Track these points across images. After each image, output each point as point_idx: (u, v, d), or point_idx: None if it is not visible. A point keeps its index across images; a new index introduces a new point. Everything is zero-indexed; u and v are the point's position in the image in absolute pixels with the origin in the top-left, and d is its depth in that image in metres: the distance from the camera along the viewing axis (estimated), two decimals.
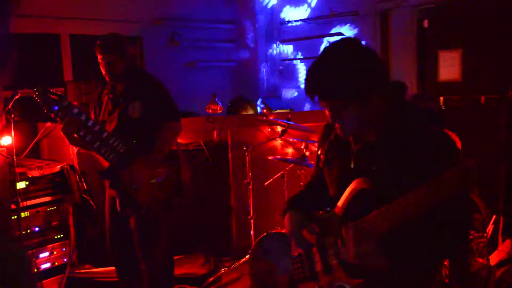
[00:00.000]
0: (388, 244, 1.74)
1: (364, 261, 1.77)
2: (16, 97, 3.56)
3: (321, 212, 2.09)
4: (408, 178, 1.66)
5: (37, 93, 3.07)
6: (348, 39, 1.90)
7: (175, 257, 4.56)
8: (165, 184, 3.28)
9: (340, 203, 1.90)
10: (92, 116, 3.46)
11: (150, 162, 3.21)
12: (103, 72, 3.32)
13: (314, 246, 2.01)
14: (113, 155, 3.16)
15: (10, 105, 3.54)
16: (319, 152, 2.12)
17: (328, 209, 2.01)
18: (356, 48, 1.79)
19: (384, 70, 1.82)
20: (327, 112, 1.83)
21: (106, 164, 3.29)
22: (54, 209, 4.21)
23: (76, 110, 3.11)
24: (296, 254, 2.11)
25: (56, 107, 3.07)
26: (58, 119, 3.12)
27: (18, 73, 5.09)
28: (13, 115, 3.59)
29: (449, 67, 5.45)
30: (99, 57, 3.30)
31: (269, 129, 5.13)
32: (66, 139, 3.16)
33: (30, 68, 5.34)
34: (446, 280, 3.87)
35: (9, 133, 3.64)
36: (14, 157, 3.64)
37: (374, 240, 1.74)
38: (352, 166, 1.90)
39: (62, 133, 3.13)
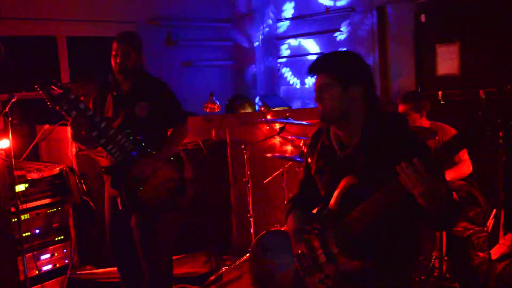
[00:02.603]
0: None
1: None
2: (13, 100, 3.54)
3: (316, 210, 2.40)
4: (387, 173, 1.93)
5: (38, 86, 3.09)
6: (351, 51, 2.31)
7: (176, 257, 4.58)
8: (169, 183, 3.31)
9: (333, 200, 2.17)
10: None
11: (157, 161, 3.26)
12: (115, 62, 3.32)
13: (315, 238, 2.21)
14: (120, 152, 3.20)
15: (7, 108, 3.53)
16: (309, 160, 2.40)
17: (324, 207, 2.27)
18: (356, 54, 2.23)
19: (370, 76, 2.20)
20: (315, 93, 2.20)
21: (105, 163, 3.36)
22: (54, 211, 4.21)
23: (82, 105, 3.15)
24: (299, 251, 2.29)
25: (62, 101, 3.09)
26: (63, 112, 3.14)
27: (15, 76, 5.08)
28: (10, 118, 3.59)
29: (447, 61, 5.43)
30: (115, 46, 3.32)
31: (268, 127, 5.13)
32: (70, 136, 3.18)
33: (27, 71, 5.33)
34: (447, 275, 3.87)
35: (7, 136, 3.64)
36: (13, 160, 3.64)
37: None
38: (339, 170, 2.18)
39: (70, 127, 3.16)
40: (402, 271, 2.18)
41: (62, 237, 4.26)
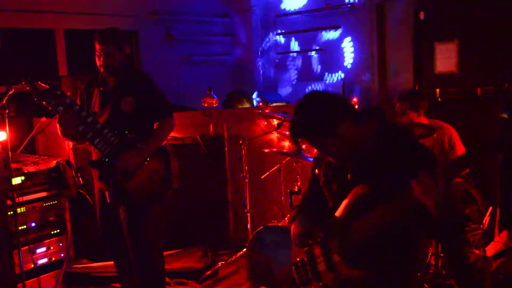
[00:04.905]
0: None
1: None
2: (10, 92, 3.53)
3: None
4: (398, 186, 1.90)
5: (24, 81, 3.10)
6: (312, 93, 2.22)
7: (172, 252, 4.59)
8: (155, 176, 3.33)
9: (340, 208, 2.15)
10: None
11: (142, 154, 3.26)
12: (99, 63, 3.34)
13: (317, 246, 2.22)
14: (106, 146, 3.22)
15: (4, 100, 3.52)
16: (316, 172, 2.39)
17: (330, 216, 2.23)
18: (316, 97, 2.16)
19: (344, 105, 2.12)
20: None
21: (93, 157, 3.39)
22: (50, 204, 4.20)
23: (68, 100, 3.15)
24: (297, 259, 2.31)
25: (48, 96, 3.09)
26: (49, 108, 3.12)
27: (12, 68, 5.06)
28: (7, 111, 3.57)
29: (445, 59, 5.44)
30: (98, 47, 3.33)
31: (265, 123, 5.12)
32: (60, 132, 3.21)
33: (24, 63, 5.32)
34: (443, 272, 3.88)
35: (4, 129, 3.62)
36: (9, 152, 3.62)
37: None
38: (349, 179, 2.17)
39: (58, 124, 3.17)
40: (401, 285, 2.14)
41: (58, 230, 4.25)
